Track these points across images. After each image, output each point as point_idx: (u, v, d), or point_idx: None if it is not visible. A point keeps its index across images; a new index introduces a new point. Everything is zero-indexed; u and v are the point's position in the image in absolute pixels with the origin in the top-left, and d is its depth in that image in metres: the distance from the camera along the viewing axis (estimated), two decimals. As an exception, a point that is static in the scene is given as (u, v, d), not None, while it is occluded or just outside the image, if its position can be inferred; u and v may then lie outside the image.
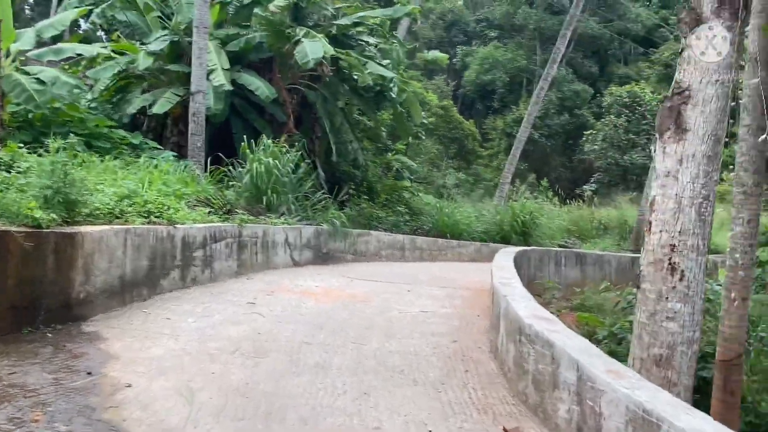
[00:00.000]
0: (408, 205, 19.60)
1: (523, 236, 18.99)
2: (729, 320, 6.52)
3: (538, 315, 4.74)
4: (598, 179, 39.51)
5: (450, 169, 39.24)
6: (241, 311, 6.92)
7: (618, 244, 26.58)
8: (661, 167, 4.51)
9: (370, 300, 8.27)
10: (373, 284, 9.86)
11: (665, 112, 4.48)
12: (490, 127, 48.89)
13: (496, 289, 5.91)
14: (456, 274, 12.52)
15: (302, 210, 13.07)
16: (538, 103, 21.83)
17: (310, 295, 8.25)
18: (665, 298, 4.46)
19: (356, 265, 13.02)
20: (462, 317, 7.51)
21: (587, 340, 4.21)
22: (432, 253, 16.56)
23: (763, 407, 7.69)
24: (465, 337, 6.49)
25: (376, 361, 5.44)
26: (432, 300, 8.66)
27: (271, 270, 10.45)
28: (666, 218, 4.46)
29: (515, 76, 51.02)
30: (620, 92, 40.09)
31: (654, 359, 4.51)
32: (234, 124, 15.02)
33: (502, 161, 45.82)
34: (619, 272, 15.14)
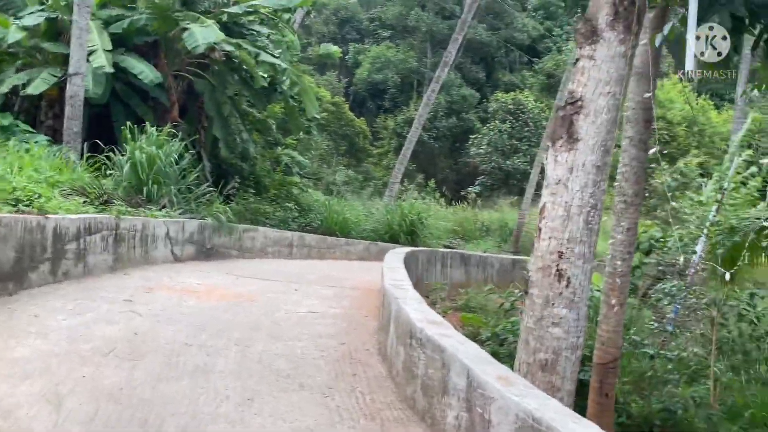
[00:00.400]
0: (297, 201, 19.33)
1: (411, 236, 19.16)
2: (607, 325, 6.79)
3: (430, 319, 4.70)
4: (482, 182, 40.62)
5: (340, 166, 39.18)
6: (116, 309, 6.50)
7: (499, 245, 27.42)
8: (552, 175, 4.57)
9: (256, 299, 8.02)
10: (260, 282, 9.59)
11: (558, 121, 4.54)
12: (381, 126, 49.25)
13: (387, 291, 5.84)
14: (345, 273, 12.42)
15: (185, 203, 12.56)
16: (429, 105, 22.13)
17: (192, 294, 7.90)
18: (552, 304, 4.52)
19: (242, 262, 12.66)
20: (350, 318, 7.41)
21: (477, 345, 4.19)
22: (320, 250, 16.38)
23: (633, 408, 8.07)
24: (353, 339, 6.38)
25: (262, 364, 5.24)
26: (320, 300, 8.50)
27: (151, 265, 9.95)
28: (555, 225, 4.52)
29: (406, 76, 51.62)
30: (505, 99, 41.42)
31: (540, 364, 4.56)
32: (114, 109, 14.28)
33: (391, 160, 46.28)
34: (500, 273, 15.55)
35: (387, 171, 46.40)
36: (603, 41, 4.42)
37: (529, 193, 26.33)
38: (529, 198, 26.44)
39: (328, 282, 10.68)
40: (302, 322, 6.93)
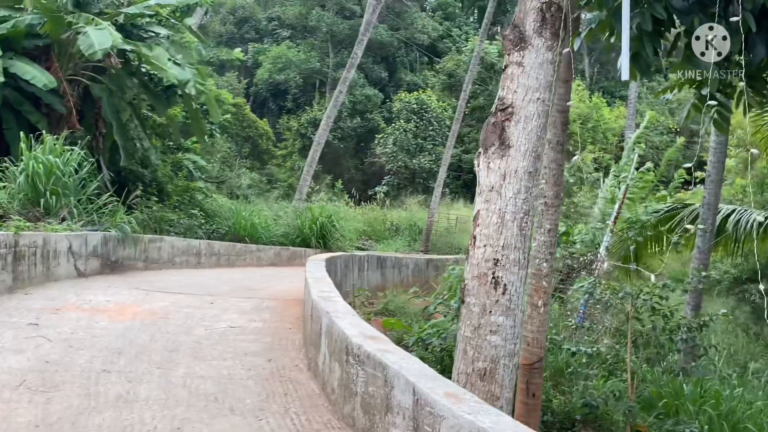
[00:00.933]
0: (201, 207, 18.78)
1: (323, 239, 18.99)
2: (532, 325, 6.84)
3: (366, 334, 4.56)
4: (389, 181, 40.88)
5: (243, 169, 38.39)
6: (22, 335, 6.02)
7: (409, 244, 27.60)
8: (485, 182, 4.54)
9: (172, 316, 7.65)
10: (172, 297, 9.17)
11: (490, 128, 4.51)
12: (284, 127, 48.68)
13: (315, 304, 5.66)
14: (259, 282, 12.12)
15: (87, 214, 11.91)
16: (337, 106, 21.98)
17: (102, 313, 7.44)
18: (489, 312, 4.49)
19: (150, 274, 12.12)
20: (274, 332, 7.17)
21: (419, 360, 4.10)
22: (230, 258, 15.95)
23: (554, 404, 8.23)
24: (280, 355, 6.17)
25: (187, 389, 4.96)
26: (239, 313, 8.21)
27: (53, 283, 9.35)
28: (490, 233, 4.49)
29: (309, 77, 51.24)
30: (409, 98, 41.80)
31: (478, 373, 4.52)
32: (5, 117, 13.36)
33: (296, 162, 45.85)
34: (416, 273, 15.61)
35: (292, 173, 45.95)
36: (531, 47, 4.42)
37: (437, 192, 26.62)
38: (437, 197, 26.75)
39: (244, 293, 10.37)
40: (224, 339, 6.65)
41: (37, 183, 11.00)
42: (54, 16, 13.77)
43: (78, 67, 14.88)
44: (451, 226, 28.84)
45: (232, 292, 10.41)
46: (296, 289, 11.19)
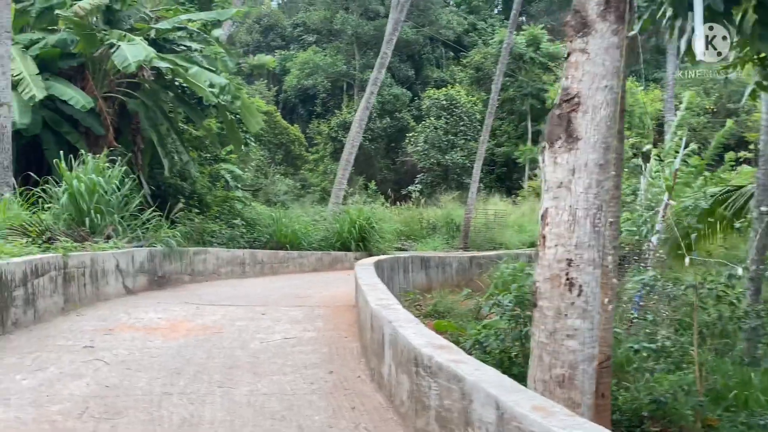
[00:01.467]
0: (241, 216, 18.78)
1: (362, 242, 18.87)
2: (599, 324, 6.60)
3: (434, 343, 4.37)
4: (422, 179, 40.66)
5: (278, 176, 38.51)
6: (79, 359, 5.95)
7: (447, 242, 27.36)
8: (553, 178, 4.31)
9: (225, 330, 7.54)
10: (223, 309, 9.09)
11: (555, 121, 4.28)
12: (315, 132, 48.80)
13: (375, 313, 5.48)
14: (305, 289, 12.02)
15: (131, 230, 11.92)
16: (369, 108, 21.84)
17: (155, 331, 7.37)
18: (564, 316, 4.26)
19: (197, 287, 12.10)
20: (330, 342, 7.02)
21: (496, 370, 3.89)
22: (273, 266, 15.89)
23: (620, 401, 7.95)
24: (340, 366, 6.01)
25: (252, 408, 4.81)
26: (292, 323, 8.08)
27: (103, 302, 9.33)
28: (561, 231, 4.27)
29: (336, 80, 51.31)
30: (438, 95, 41.52)
31: (557, 380, 4.30)
32: (45, 138, 13.48)
33: (328, 165, 45.89)
34: (459, 272, 15.39)
35: (324, 176, 46.00)
36: (595, 32, 4.18)
37: (473, 188, 26.33)
38: (474, 193, 26.46)
39: (293, 301, 10.27)
40: (281, 351, 6.51)
41: (81, 202, 11.02)
42: (87, 34, 13.85)
43: (113, 84, 14.96)
44: (489, 222, 28.53)
45: (281, 300, 10.31)
46: (344, 295, 11.07)
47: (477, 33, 53.83)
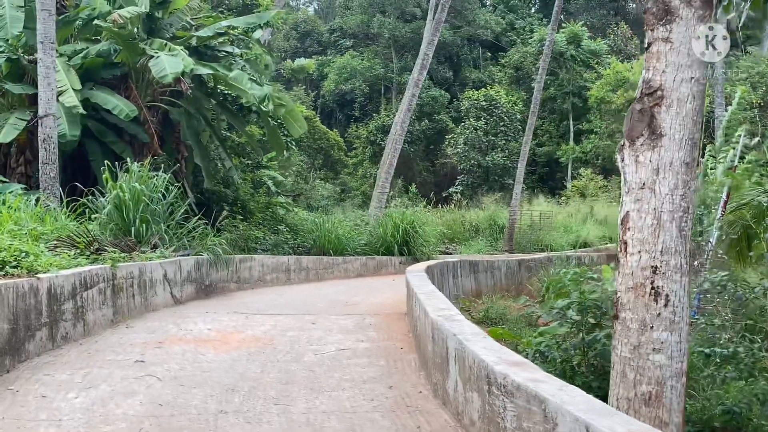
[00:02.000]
0: (285, 222, 18.67)
1: (406, 246, 18.59)
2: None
3: (507, 359, 4.07)
4: (462, 181, 40.21)
5: (318, 180, 38.46)
6: (131, 375, 5.78)
7: (491, 244, 26.93)
8: (635, 179, 3.98)
9: (276, 341, 7.33)
10: (272, 319, 8.89)
11: (636, 116, 3.95)
12: (353, 136, 48.72)
13: (437, 325, 5.20)
14: (353, 295, 11.80)
15: (177, 239, 11.82)
16: (410, 110, 21.56)
17: (206, 344, 7.19)
18: (650, 328, 3.93)
19: (243, 295, 11.95)
20: (385, 353, 6.75)
21: (580, 389, 3.58)
22: (318, 272, 15.71)
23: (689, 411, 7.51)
24: (400, 380, 5.73)
25: (311, 427, 4.56)
26: (344, 333, 7.84)
27: (152, 313, 9.21)
28: (644, 237, 3.93)
29: (374, 84, 51.22)
30: (477, 96, 41.05)
31: (642, 398, 3.96)
32: (90, 148, 13.48)
33: (367, 169, 45.75)
34: (508, 276, 15.01)
35: (364, 180, 45.88)
36: (679, 20, 3.85)
37: (517, 189, 25.85)
38: (518, 194, 25.98)
39: (342, 309, 10.04)
40: (337, 364, 6.27)
41: (126, 212, 10.93)
42: (129, 43, 13.84)
43: (156, 93, 14.95)
44: (534, 223, 27.98)
45: (329, 308, 10.09)
46: (392, 302, 10.80)
47: (515, 32, 53.19)
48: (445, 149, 43.57)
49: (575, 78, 43.09)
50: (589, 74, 42.75)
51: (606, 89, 39.31)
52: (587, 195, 35.12)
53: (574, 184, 37.55)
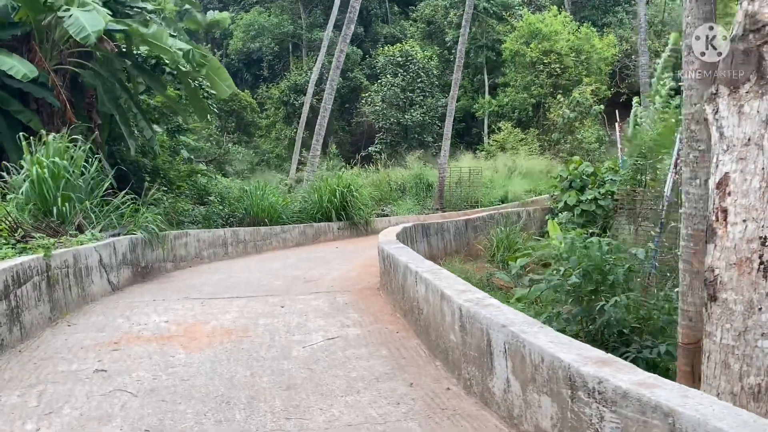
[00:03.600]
0: (207, 191, 17.49)
1: (344, 211, 17.80)
2: (692, 297, 5.75)
3: (590, 356, 3.40)
4: (382, 140, 39.48)
5: (231, 144, 36.85)
6: (97, 391, 4.80)
7: (420, 203, 26.49)
8: (736, 133, 3.35)
9: (252, 333, 6.45)
10: (232, 304, 7.96)
11: (739, 57, 3.31)
12: (264, 97, 46.95)
13: (471, 313, 4.45)
14: (307, 270, 10.96)
15: (103, 217, 10.59)
16: (339, 67, 20.50)
17: (170, 341, 6.23)
18: (758, 310, 3.35)
19: (183, 276, 10.90)
20: (383, 340, 6.01)
21: (708, 395, 2.97)
22: (256, 244, 14.73)
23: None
24: (417, 374, 5.01)
25: (344, 447, 3.80)
26: (323, 317, 7.04)
27: (91, 305, 8.10)
28: (750, 203, 3.33)
29: (282, 41, 49.34)
30: (393, 51, 40.15)
31: (750, 392, 3.40)
32: (-7, 119, 11.92)
33: (281, 131, 44.27)
34: (457, 238, 14.51)
35: (277, 143, 44.41)
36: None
37: (445, 146, 25.37)
38: (446, 151, 25.52)
39: (304, 287, 9.20)
40: (335, 359, 5.48)
41: (46, 190, 9.64)
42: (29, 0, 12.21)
43: (64, 55, 13.39)
44: (462, 180, 27.64)
45: (290, 287, 9.23)
46: (356, 275, 10.09)
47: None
48: (361, 107, 42.61)
49: (488, 31, 42.79)
50: (502, 27, 42.55)
51: (520, 42, 39.22)
52: (507, 149, 35.13)
53: (495, 138, 37.50)
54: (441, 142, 38.26)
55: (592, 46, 39.21)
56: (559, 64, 37.70)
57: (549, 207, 20.40)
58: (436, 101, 39.85)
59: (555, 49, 37.76)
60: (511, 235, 14.14)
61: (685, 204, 5.70)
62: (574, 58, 38.11)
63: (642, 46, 29.05)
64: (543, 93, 38.04)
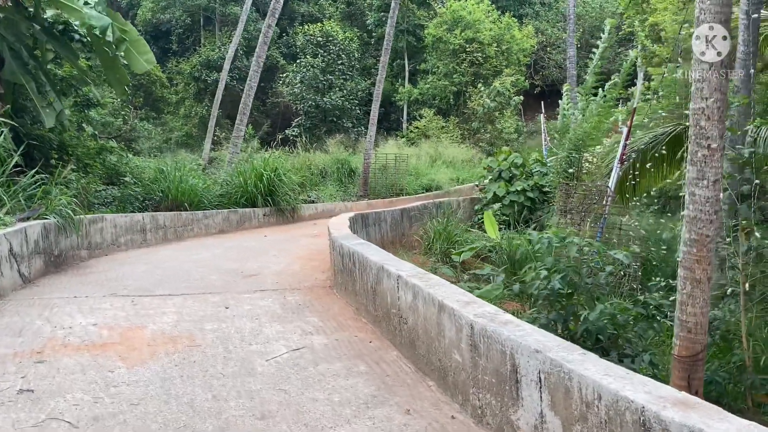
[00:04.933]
0: (118, 171, 16.13)
1: (270, 196, 16.88)
2: (693, 306, 5.37)
3: (665, 396, 2.86)
4: (300, 123, 38.36)
5: (138, 120, 34.89)
6: (26, 420, 3.89)
7: (343, 189, 25.81)
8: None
9: (200, 341, 5.62)
10: (168, 303, 7.06)
11: None
12: (174, 71, 44.83)
13: (487, 333, 3.81)
14: (242, 261, 10.10)
15: (12, 199, 9.38)
16: (267, 43, 19.40)
17: (105, 351, 5.32)
18: None
19: (101, 266, 9.80)
20: (356, 352, 5.30)
21: None
22: (177, 230, 13.66)
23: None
24: (410, 397, 4.34)
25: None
26: (278, 322, 6.26)
27: (1, 301, 7.01)
28: None
29: (194, 14, 47.22)
30: (313, 31, 39.02)
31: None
32: None
33: (191, 108, 42.35)
34: (393, 227, 13.92)
35: (186, 120, 42.49)
36: None
37: (371, 131, 24.68)
38: (372, 136, 24.84)
39: (243, 283, 8.37)
40: (308, 377, 4.74)
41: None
42: None
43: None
44: (388, 167, 27.05)
45: (229, 283, 8.37)
46: (299, 268, 9.38)
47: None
48: (277, 88, 41.31)
49: (409, 16, 42.31)
50: (423, 12, 42.15)
51: (443, 28, 38.92)
52: (429, 136, 34.83)
53: (416, 125, 37.11)
54: (360, 127, 37.66)
55: (512, 37, 39.41)
56: (481, 54, 37.66)
57: (477, 197, 20.16)
58: (356, 85, 39.07)
59: (477, 38, 37.68)
60: (449, 226, 13.66)
61: (689, 206, 5.29)
62: (496, 48, 38.16)
63: (570, 38, 29.24)
64: (464, 81, 37.93)
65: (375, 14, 42.92)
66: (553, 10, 49.24)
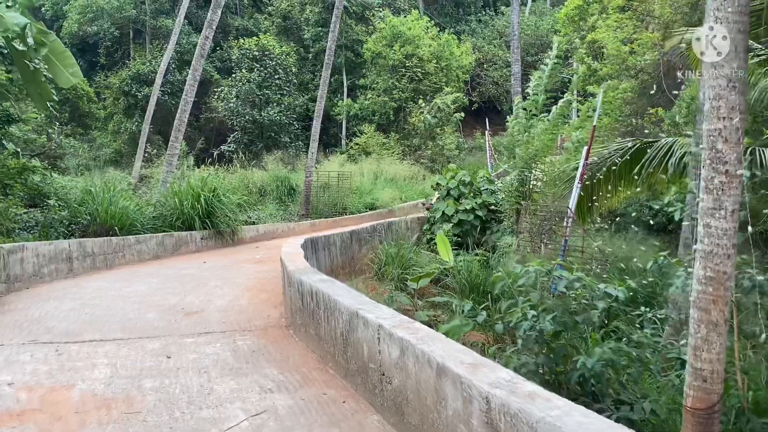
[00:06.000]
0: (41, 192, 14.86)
1: (209, 218, 15.84)
2: (709, 352, 4.77)
3: None
4: (236, 139, 37.14)
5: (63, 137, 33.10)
6: None
7: (283, 209, 24.87)
8: None
9: (140, 406, 4.70)
10: (99, 352, 6.08)
11: None
12: (102, 86, 43.02)
13: (510, 412, 3.08)
14: (182, 296, 9.08)
15: None
16: (204, 56, 18.33)
17: (22, 423, 4.35)
18: None
19: (22, 302, 8.66)
20: (329, 417, 4.48)
21: None
22: (107, 257, 12.51)
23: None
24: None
25: None
26: (229, 374, 5.38)
27: None
28: None
29: (123, 27, 45.56)
30: (249, 45, 37.94)
31: None
32: None
33: (119, 123, 40.63)
34: (343, 251, 13.14)
35: (116, 136, 40.74)
36: None
37: (313, 147, 23.79)
38: (314, 153, 23.96)
39: (186, 323, 7.41)
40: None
41: None
42: None
43: None
44: (330, 184, 26.20)
45: (170, 323, 7.39)
46: (246, 303, 8.46)
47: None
48: (211, 102, 40.04)
49: (347, 31, 41.74)
50: (361, 27, 41.66)
51: (382, 44, 38.48)
52: (370, 152, 34.20)
53: (356, 141, 36.42)
54: (299, 142, 36.73)
55: (451, 53, 39.28)
56: (421, 69, 37.34)
57: (424, 216, 19.57)
58: (294, 100, 38.18)
59: (417, 54, 37.36)
60: (401, 250, 12.97)
61: (703, 240, 4.70)
62: (435, 64, 37.93)
63: (515, 53, 29.09)
64: (404, 97, 37.52)
65: (312, 29, 42.21)
66: (489, 27, 49.58)
